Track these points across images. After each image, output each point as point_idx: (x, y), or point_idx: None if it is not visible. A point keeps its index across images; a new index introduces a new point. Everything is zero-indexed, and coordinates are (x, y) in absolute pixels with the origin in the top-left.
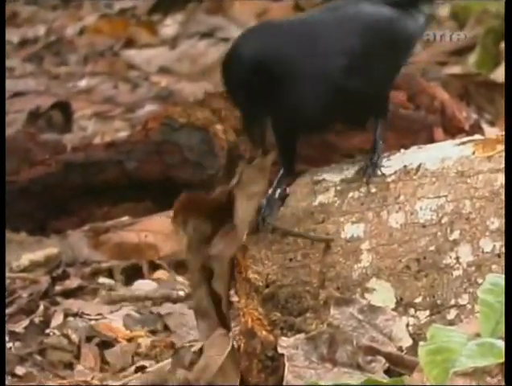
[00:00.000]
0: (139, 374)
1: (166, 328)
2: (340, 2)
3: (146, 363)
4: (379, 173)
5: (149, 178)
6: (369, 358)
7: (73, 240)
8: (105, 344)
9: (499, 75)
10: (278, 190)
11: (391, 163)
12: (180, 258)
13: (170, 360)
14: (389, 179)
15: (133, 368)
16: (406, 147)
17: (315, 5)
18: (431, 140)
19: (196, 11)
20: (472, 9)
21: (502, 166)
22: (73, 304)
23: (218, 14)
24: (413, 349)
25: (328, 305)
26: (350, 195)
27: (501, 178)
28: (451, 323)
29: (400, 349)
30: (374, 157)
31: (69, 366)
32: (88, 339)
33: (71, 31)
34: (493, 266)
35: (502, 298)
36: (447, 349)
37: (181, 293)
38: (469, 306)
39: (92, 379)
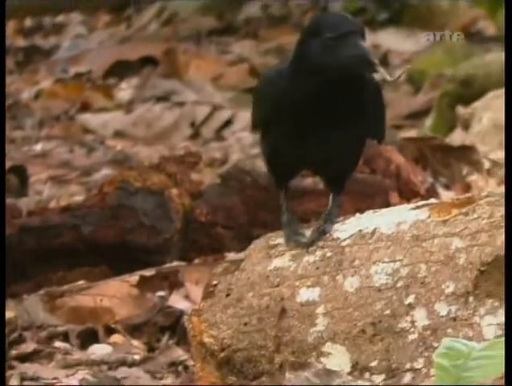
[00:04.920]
0: None
1: None
2: None
3: None
4: (328, 236)
5: (105, 242)
6: None
7: (29, 304)
8: None
9: (455, 138)
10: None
11: (346, 227)
12: (136, 322)
13: None
14: (344, 243)
15: None
16: (362, 211)
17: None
18: (387, 204)
19: (151, 75)
20: (427, 73)
21: (458, 229)
22: (29, 368)
23: (173, 78)
24: None
25: (284, 369)
26: (305, 259)
27: (456, 242)
28: None
29: None
30: (323, 224)
31: None
32: None
33: (26, 95)
34: (449, 330)
35: (458, 362)
36: None
37: (137, 357)
38: (425, 370)
39: None
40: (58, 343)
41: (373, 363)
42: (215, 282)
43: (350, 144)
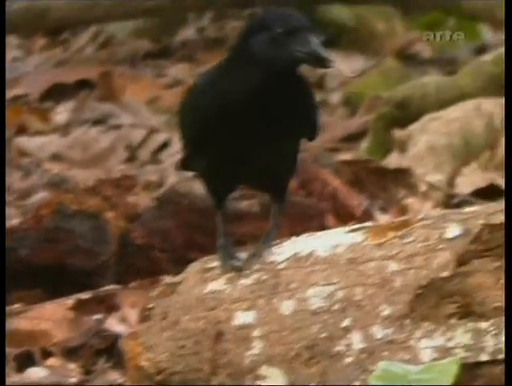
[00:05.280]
0: None
1: None
2: None
3: None
4: (264, 259)
5: (41, 265)
6: None
7: None
8: None
9: (391, 161)
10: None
11: (283, 250)
12: (72, 345)
13: None
14: (280, 266)
15: None
16: (298, 234)
17: None
18: (323, 227)
19: (87, 98)
20: (363, 96)
21: (393, 252)
22: None
23: (109, 101)
24: None
25: None
26: (241, 282)
27: (392, 265)
28: None
29: None
30: (261, 246)
31: None
32: None
33: None
34: (385, 353)
35: (394, 384)
36: None
37: (73, 380)
38: None
39: None
40: None
41: None
42: (151, 305)
43: (287, 148)
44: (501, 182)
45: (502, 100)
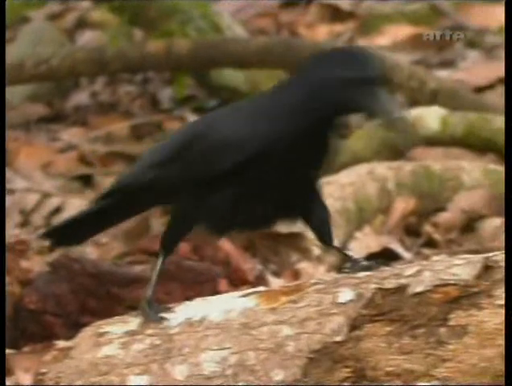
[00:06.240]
0: None
1: None
2: None
3: None
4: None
5: None
6: None
7: None
8: None
9: (284, 225)
10: None
11: (175, 315)
12: None
13: None
14: (172, 331)
15: None
16: (191, 299)
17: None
18: (216, 291)
19: None
20: None
21: (286, 317)
22: None
23: None
24: None
25: None
26: (134, 346)
27: (285, 330)
28: None
29: None
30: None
31: None
32: None
33: None
34: None
35: None
36: None
37: None
38: None
39: None
40: None
41: None
42: (44, 370)
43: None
44: (394, 246)
45: (395, 164)
